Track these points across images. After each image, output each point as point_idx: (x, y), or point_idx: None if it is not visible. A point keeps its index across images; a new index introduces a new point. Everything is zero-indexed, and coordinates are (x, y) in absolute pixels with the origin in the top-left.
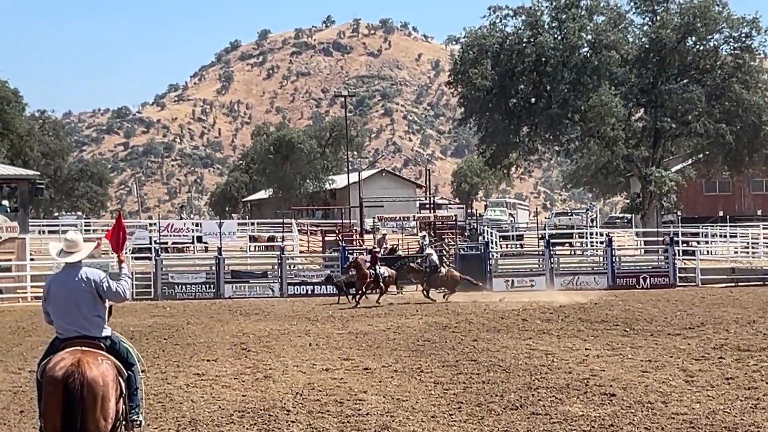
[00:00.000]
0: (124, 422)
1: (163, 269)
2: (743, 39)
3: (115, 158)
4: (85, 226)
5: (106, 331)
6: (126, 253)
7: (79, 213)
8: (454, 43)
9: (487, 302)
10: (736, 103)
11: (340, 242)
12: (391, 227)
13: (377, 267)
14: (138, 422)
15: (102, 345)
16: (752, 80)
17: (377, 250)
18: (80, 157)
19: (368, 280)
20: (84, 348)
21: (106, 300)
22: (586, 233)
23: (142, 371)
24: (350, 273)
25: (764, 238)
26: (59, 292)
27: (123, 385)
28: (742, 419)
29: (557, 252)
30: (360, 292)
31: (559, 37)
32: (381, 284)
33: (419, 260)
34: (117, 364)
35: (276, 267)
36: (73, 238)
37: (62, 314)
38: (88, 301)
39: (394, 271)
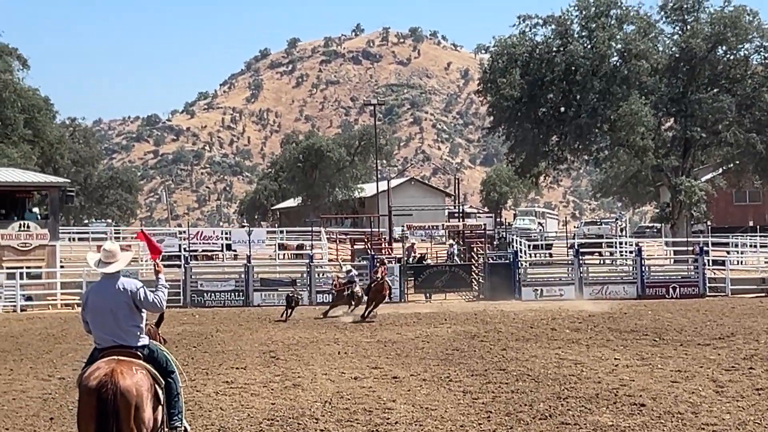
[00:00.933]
0: (166, 429)
1: (193, 277)
2: None
3: (145, 166)
4: (115, 233)
5: (144, 340)
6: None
7: (109, 220)
8: (483, 51)
9: (516, 311)
10: (766, 113)
11: (369, 250)
12: (420, 236)
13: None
14: (181, 429)
15: (139, 354)
16: None
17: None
18: (110, 165)
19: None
20: (120, 357)
21: (144, 310)
22: (616, 242)
23: None
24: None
25: None
26: (97, 302)
27: (161, 393)
28: None
29: (586, 261)
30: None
31: (589, 46)
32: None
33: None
34: (153, 373)
35: (305, 275)
36: (111, 248)
37: (100, 324)
38: (125, 312)
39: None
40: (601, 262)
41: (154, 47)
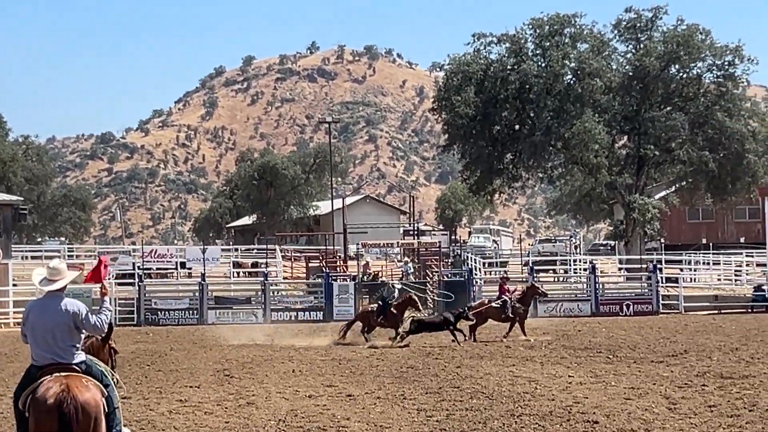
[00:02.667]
0: None
1: (146, 295)
2: (726, 67)
3: (99, 184)
4: (68, 251)
5: (80, 357)
6: (109, 279)
7: (63, 238)
8: (438, 69)
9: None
10: (719, 131)
11: (324, 268)
12: (375, 254)
13: None
14: None
15: (78, 369)
16: (735, 108)
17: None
18: (64, 183)
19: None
20: (65, 373)
21: (83, 331)
22: (570, 260)
23: (125, 397)
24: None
25: (747, 265)
26: (37, 320)
27: (105, 405)
28: None
29: (541, 279)
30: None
31: (543, 65)
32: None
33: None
34: (100, 386)
35: (259, 293)
36: (57, 266)
37: (39, 342)
38: (64, 332)
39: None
40: (556, 279)
41: (109, 64)
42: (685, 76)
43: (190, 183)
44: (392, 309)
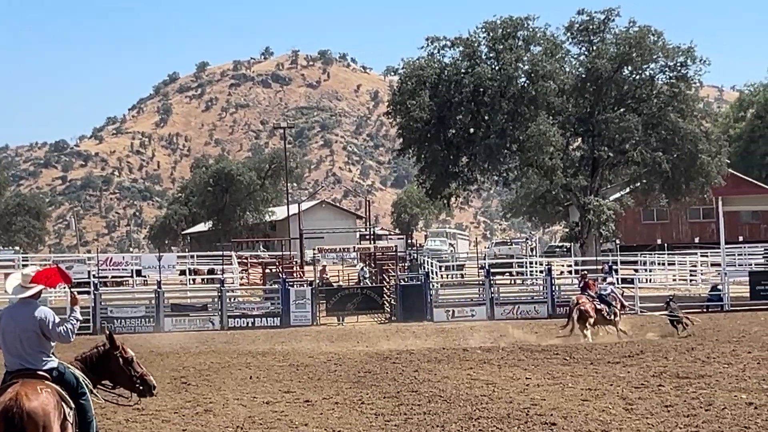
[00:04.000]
0: None
1: (102, 303)
2: (679, 68)
3: (53, 192)
4: (23, 261)
5: (52, 363)
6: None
7: (17, 248)
8: (392, 74)
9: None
10: (672, 132)
11: (280, 274)
12: (332, 259)
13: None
14: None
15: (47, 376)
16: (688, 109)
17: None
18: (17, 192)
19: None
20: (25, 380)
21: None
22: (526, 262)
23: None
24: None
25: (701, 265)
26: (8, 326)
27: (69, 412)
28: None
29: (497, 281)
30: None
31: (497, 68)
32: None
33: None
34: (61, 393)
35: (216, 300)
36: (30, 273)
37: (9, 348)
38: (32, 339)
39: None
40: (512, 282)
41: (61, 72)
42: (637, 77)
43: (145, 190)
44: None
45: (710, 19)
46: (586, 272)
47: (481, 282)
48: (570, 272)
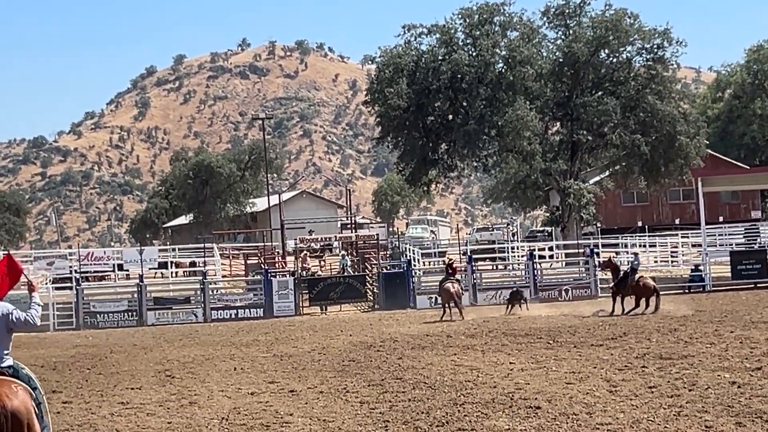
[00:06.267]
0: None
1: (85, 298)
2: (655, 50)
3: (33, 188)
4: None
5: (8, 361)
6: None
7: None
8: (370, 62)
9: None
10: (650, 114)
11: (262, 265)
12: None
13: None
14: None
15: (6, 373)
16: (666, 91)
17: None
18: None
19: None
20: None
21: (13, 331)
22: (508, 248)
23: (66, 402)
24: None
25: (682, 246)
26: None
27: (37, 409)
28: (666, 427)
29: (480, 267)
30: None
31: (474, 54)
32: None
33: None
34: (29, 390)
35: (198, 292)
36: None
37: None
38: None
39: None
40: (494, 267)
41: (38, 67)
42: (615, 60)
43: (125, 184)
44: None
45: (686, 0)
46: (452, 259)
47: (463, 268)
48: (551, 257)
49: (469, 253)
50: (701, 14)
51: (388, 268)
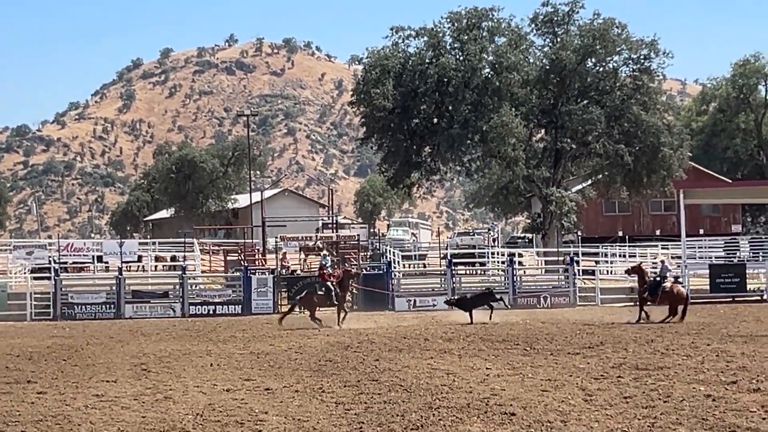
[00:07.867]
0: None
1: (63, 289)
2: (642, 61)
3: (14, 177)
4: None
5: None
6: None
7: None
8: (356, 63)
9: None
10: (635, 125)
11: (242, 262)
12: (294, 247)
13: None
14: None
15: None
16: (651, 101)
17: None
18: None
19: None
20: None
21: None
22: (488, 253)
23: (41, 392)
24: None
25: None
26: None
27: None
28: None
29: (459, 272)
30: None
31: (461, 58)
32: None
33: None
34: None
35: (177, 287)
36: None
37: None
38: None
39: None
40: (474, 272)
41: (24, 56)
42: (601, 69)
43: (108, 176)
44: None
45: (674, 12)
46: (323, 263)
47: (443, 272)
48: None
49: (449, 257)
50: (688, 26)
51: (369, 269)
